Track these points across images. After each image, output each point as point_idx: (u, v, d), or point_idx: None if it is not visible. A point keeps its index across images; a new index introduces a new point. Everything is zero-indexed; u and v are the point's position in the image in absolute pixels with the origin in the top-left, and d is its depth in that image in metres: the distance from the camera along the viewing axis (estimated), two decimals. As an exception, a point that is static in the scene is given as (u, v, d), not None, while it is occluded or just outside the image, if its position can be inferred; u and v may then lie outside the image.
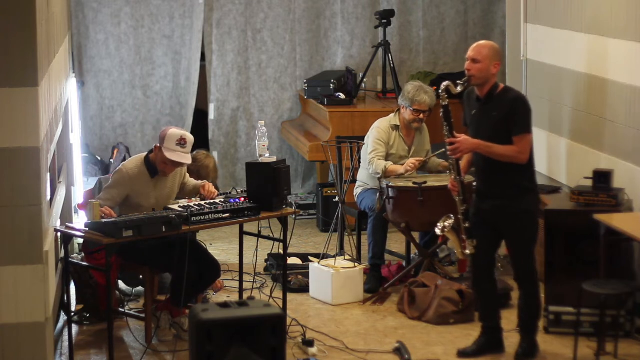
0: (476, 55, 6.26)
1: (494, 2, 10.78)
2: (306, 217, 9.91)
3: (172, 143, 6.60)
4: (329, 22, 10.65)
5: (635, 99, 7.15)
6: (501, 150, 6.20)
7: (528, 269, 6.37)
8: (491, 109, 6.26)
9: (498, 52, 6.33)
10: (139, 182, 6.66)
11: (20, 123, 5.52)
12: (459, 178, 6.34)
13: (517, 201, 6.27)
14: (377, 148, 7.96)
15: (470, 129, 6.39)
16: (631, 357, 6.47)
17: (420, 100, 7.96)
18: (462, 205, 6.35)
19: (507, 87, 6.40)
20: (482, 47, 6.31)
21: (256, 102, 10.58)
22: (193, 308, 4.26)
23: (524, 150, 6.21)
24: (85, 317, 7.17)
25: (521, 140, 6.20)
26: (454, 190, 6.38)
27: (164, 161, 6.64)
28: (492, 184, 6.31)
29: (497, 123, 6.22)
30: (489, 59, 6.24)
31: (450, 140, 6.29)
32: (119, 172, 6.69)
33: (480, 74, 6.24)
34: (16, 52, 5.47)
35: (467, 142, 6.27)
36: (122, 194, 6.62)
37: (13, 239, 5.57)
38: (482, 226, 6.35)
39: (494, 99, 6.27)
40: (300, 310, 7.40)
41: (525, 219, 6.30)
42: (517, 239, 6.37)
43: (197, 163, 7.48)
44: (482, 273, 6.49)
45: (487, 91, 6.28)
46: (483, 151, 6.25)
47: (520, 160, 6.22)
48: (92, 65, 10.34)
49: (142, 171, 6.70)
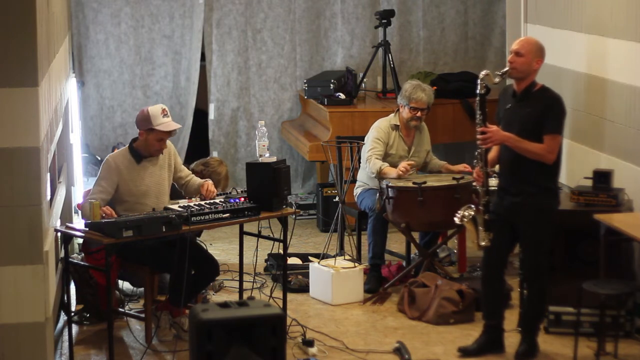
0: (520, 49, 6.27)
1: (494, 2, 10.78)
2: (306, 217, 9.91)
3: (159, 118, 6.72)
4: (329, 22, 10.65)
5: (635, 99, 7.15)
6: (530, 146, 6.21)
7: (538, 269, 6.37)
8: (526, 105, 6.28)
9: (542, 50, 6.34)
10: (125, 169, 6.72)
11: (20, 123, 5.52)
12: (485, 169, 6.33)
13: (537, 200, 6.27)
14: (376, 147, 7.95)
15: (502, 122, 6.38)
16: (631, 357, 6.47)
17: (417, 97, 7.96)
18: (485, 196, 6.34)
19: (545, 86, 6.39)
20: (527, 42, 6.34)
21: (256, 102, 10.59)
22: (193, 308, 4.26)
23: (552, 150, 6.23)
24: (85, 317, 7.17)
25: (552, 140, 6.22)
26: (479, 180, 6.37)
27: (158, 138, 6.71)
28: (516, 180, 6.31)
29: (530, 120, 6.23)
30: (532, 54, 6.26)
31: (482, 129, 6.28)
32: (106, 162, 6.76)
33: (521, 68, 6.25)
34: (16, 52, 5.47)
35: (499, 133, 6.27)
36: (112, 183, 6.66)
37: (13, 239, 5.57)
38: (501, 225, 6.34)
39: (530, 96, 6.28)
40: (300, 310, 7.40)
41: (541, 218, 6.30)
42: (530, 237, 6.37)
43: (209, 168, 7.55)
44: (493, 271, 6.47)
45: (524, 87, 6.29)
46: (513, 145, 6.25)
47: (547, 159, 6.23)
48: (92, 65, 10.34)
49: (128, 158, 6.76)
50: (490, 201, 6.36)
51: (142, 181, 6.74)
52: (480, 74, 6.30)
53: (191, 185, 6.99)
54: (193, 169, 7.62)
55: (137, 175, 6.73)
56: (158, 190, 6.77)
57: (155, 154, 6.79)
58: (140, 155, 6.77)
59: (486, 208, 6.34)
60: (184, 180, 6.99)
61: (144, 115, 6.74)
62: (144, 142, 6.75)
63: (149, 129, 6.70)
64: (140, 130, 6.75)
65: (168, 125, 6.72)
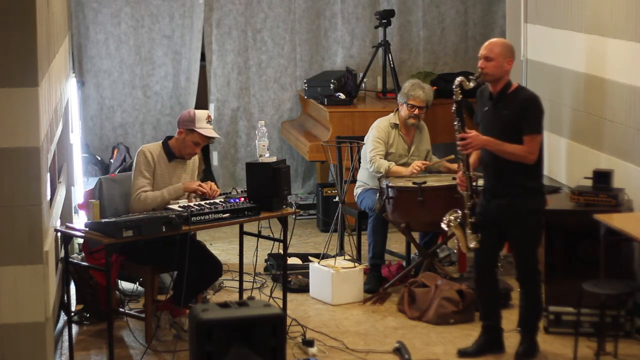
0: (489, 53, 6.26)
1: (494, 2, 10.78)
2: (306, 217, 9.91)
3: (203, 122, 6.74)
4: (329, 22, 10.65)
5: (635, 99, 7.15)
6: (510, 148, 6.21)
7: (530, 270, 6.38)
8: (503, 107, 6.27)
9: (511, 50, 6.33)
10: (159, 163, 6.76)
11: (20, 123, 5.52)
12: (468, 173, 6.34)
13: (523, 201, 6.28)
14: (377, 147, 7.96)
15: (481, 126, 6.39)
16: (631, 357, 6.47)
17: (415, 95, 7.97)
18: (469, 200, 6.35)
19: (520, 86, 6.40)
20: (495, 45, 6.31)
21: (256, 102, 10.59)
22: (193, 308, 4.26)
23: (533, 151, 6.22)
24: (85, 317, 7.17)
25: (531, 141, 6.21)
26: (462, 185, 6.38)
27: (196, 141, 6.74)
28: (499, 182, 6.31)
29: (508, 121, 6.23)
30: (501, 56, 6.24)
31: (461, 136, 6.28)
32: (142, 154, 6.75)
33: (493, 71, 6.24)
34: (16, 52, 5.47)
35: (478, 138, 6.27)
36: (151, 171, 6.72)
37: (13, 239, 5.57)
38: (487, 226, 6.35)
39: (506, 97, 6.28)
40: (300, 310, 7.40)
41: (529, 219, 6.30)
42: (520, 239, 6.37)
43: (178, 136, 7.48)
44: (484, 272, 6.49)
45: (499, 89, 6.29)
46: (493, 148, 6.25)
47: (528, 160, 6.22)
48: (92, 65, 10.34)
49: (161, 154, 6.79)
50: (475, 204, 6.36)
51: (169, 180, 6.75)
52: (455, 80, 6.30)
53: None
54: None
55: (166, 172, 6.77)
56: None
57: (188, 157, 6.81)
58: (172, 153, 6.78)
59: (472, 211, 6.35)
60: None
61: (189, 115, 6.75)
62: (180, 141, 6.77)
63: (190, 129, 6.71)
64: (181, 129, 6.76)
65: (208, 132, 6.74)
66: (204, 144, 6.83)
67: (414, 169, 7.80)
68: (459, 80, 6.27)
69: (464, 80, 6.25)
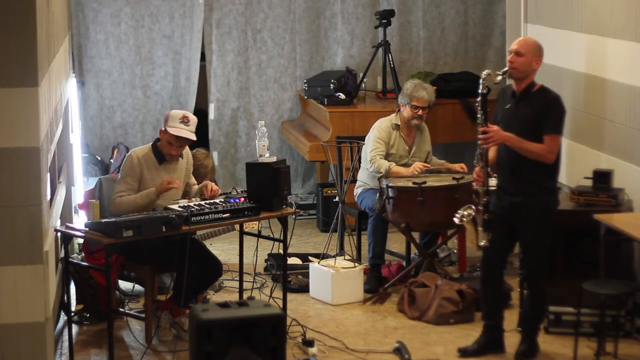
0: (520, 48, 6.27)
1: (494, 2, 10.78)
2: (306, 217, 9.91)
3: (175, 121, 6.70)
4: (329, 22, 10.65)
5: (635, 99, 7.15)
6: (531, 146, 6.21)
7: (538, 269, 6.37)
8: (525, 106, 6.28)
9: (541, 50, 6.34)
10: (147, 167, 6.72)
11: (20, 123, 5.52)
12: (486, 169, 6.33)
13: (537, 200, 6.27)
14: (378, 147, 7.96)
15: (502, 123, 6.38)
16: (631, 357, 6.47)
17: (419, 96, 7.97)
18: (485, 196, 6.34)
19: (544, 86, 6.40)
20: (527, 42, 6.33)
21: (256, 102, 10.59)
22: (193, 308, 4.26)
23: (553, 150, 6.22)
24: (85, 317, 7.17)
25: (552, 140, 6.21)
26: (479, 180, 6.36)
27: (169, 140, 6.70)
28: (515, 180, 6.30)
29: (529, 120, 6.23)
30: (532, 54, 6.26)
31: (483, 129, 6.27)
32: (129, 158, 6.74)
33: (522, 68, 6.25)
34: (16, 52, 5.47)
35: (500, 133, 6.27)
36: (136, 178, 6.68)
37: (13, 239, 5.57)
38: (500, 225, 6.34)
39: (529, 96, 6.29)
40: (300, 310, 7.40)
41: (541, 218, 6.30)
42: (531, 238, 6.36)
43: (195, 161, 7.49)
44: (491, 271, 6.47)
45: (524, 87, 6.29)
46: (514, 145, 6.25)
47: (547, 159, 6.22)
48: (92, 65, 10.34)
49: (150, 156, 6.76)
50: (489, 201, 6.36)
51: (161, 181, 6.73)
52: (482, 73, 6.30)
53: (190, 193, 6.99)
54: None
55: (157, 175, 6.73)
56: (174, 193, 6.76)
57: (169, 158, 6.77)
58: (162, 156, 6.77)
59: (486, 208, 6.34)
60: (189, 187, 7.00)
61: (166, 115, 6.78)
62: (161, 143, 6.77)
63: (164, 129, 6.72)
64: (160, 129, 6.78)
65: (178, 131, 6.68)
66: (179, 144, 6.74)
67: (414, 171, 7.80)
68: (485, 73, 6.27)
69: (491, 74, 6.24)
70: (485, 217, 6.33)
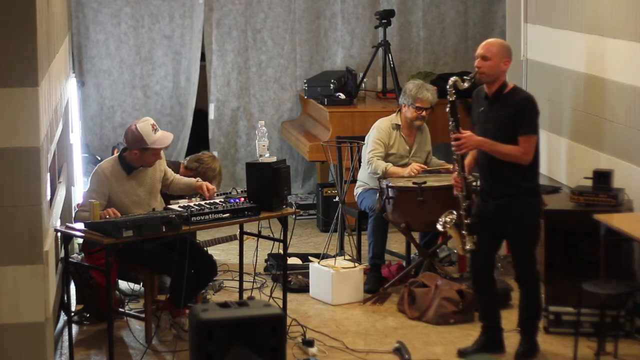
0: (485, 53, 6.26)
1: (494, 2, 10.78)
2: (306, 217, 9.91)
3: (151, 135, 6.62)
4: (329, 22, 10.65)
5: (635, 99, 7.15)
6: (505, 149, 6.20)
7: (529, 270, 6.38)
8: (498, 108, 6.27)
9: (508, 50, 6.33)
10: (116, 180, 6.66)
11: (20, 123, 5.52)
12: (463, 174, 6.34)
13: (520, 201, 6.27)
14: (376, 148, 7.96)
15: (477, 126, 6.39)
16: (631, 357, 6.47)
17: (423, 97, 7.98)
18: (465, 201, 6.35)
19: (516, 87, 6.40)
20: (492, 45, 6.31)
21: (256, 102, 10.59)
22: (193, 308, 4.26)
23: (528, 151, 6.21)
24: (85, 317, 7.17)
25: (526, 141, 6.20)
26: (457, 186, 6.37)
27: (154, 153, 6.66)
28: (495, 183, 6.31)
29: (504, 122, 6.22)
30: (498, 56, 6.25)
31: (455, 136, 6.28)
32: (95, 174, 6.71)
33: (490, 71, 6.25)
34: (16, 52, 5.47)
35: (473, 138, 6.27)
36: (102, 195, 6.60)
37: (13, 239, 5.57)
38: (484, 226, 6.35)
39: (502, 98, 6.28)
40: (300, 310, 7.40)
41: (527, 219, 6.30)
42: (518, 239, 6.38)
43: (203, 165, 7.50)
44: (481, 273, 6.49)
45: (495, 89, 6.29)
46: (487, 149, 6.25)
47: (523, 160, 6.22)
48: (92, 65, 10.34)
49: (117, 169, 6.70)
50: (472, 205, 6.36)
51: (134, 191, 6.70)
52: (449, 80, 6.30)
53: (176, 184, 6.96)
54: (187, 166, 7.59)
55: (128, 187, 6.69)
56: (150, 198, 6.74)
57: (150, 166, 6.75)
58: (131, 166, 6.71)
59: (467, 212, 6.35)
60: (169, 181, 6.97)
61: (135, 135, 6.60)
62: (137, 159, 6.69)
63: (144, 148, 6.63)
64: (134, 150, 6.64)
65: (162, 141, 6.64)
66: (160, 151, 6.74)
67: (412, 171, 7.79)
68: (452, 81, 6.28)
69: (457, 81, 6.25)
70: (468, 221, 6.34)
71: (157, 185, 6.84)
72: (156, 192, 6.83)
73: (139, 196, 6.69)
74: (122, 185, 6.67)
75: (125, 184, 6.68)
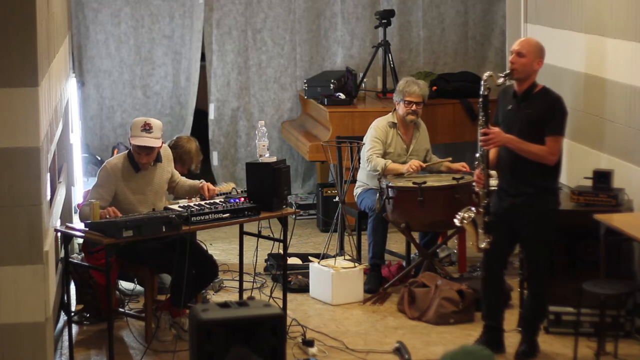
0: (522, 49, 6.27)
1: (494, 2, 10.78)
2: (306, 217, 9.91)
3: (137, 130, 6.64)
4: (329, 22, 10.65)
5: (635, 99, 7.15)
6: (532, 148, 6.20)
7: (539, 270, 6.37)
8: (526, 107, 6.28)
9: (543, 51, 6.34)
10: (123, 177, 6.68)
11: (20, 123, 5.52)
12: (487, 170, 6.33)
13: (537, 201, 6.27)
14: (375, 146, 7.97)
15: (503, 124, 6.38)
16: (631, 357, 6.47)
17: (410, 90, 7.99)
18: (485, 198, 6.34)
19: (546, 87, 6.40)
20: (528, 43, 6.34)
21: (256, 102, 10.59)
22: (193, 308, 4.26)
23: (554, 152, 6.22)
24: (85, 317, 7.17)
25: (553, 142, 6.21)
26: (480, 182, 6.36)
27: (135, 150, 6.67)
28: (516, 181, 6.29)
29: (531, 121, 6.23)
30: (533, 55, 6.26)
31: (484, 131, 6.27)
32: (103, 169, 6.73)
33: (523, 68, 6.25)
34: (16, 52, 5.47)
35: (501, 135, 6.27)
36: (109, 191, 6.63)
37: (13, 239, 5.57)
38: (500, 226, 6.34)
39: (531, 97, 6.29)
40: (300, 310, 7.40)
41: (542, 219, 6.30)
42: (532, 239, 6.36)
43: (178, 149, 7.42)
44: (492, 273, 6.47)
45: (525, 88, 6.29)
46: (515, 147, 6.25)
47: (549, 161, 6.22)
48: (92, 65, 10.34)
49: (126, 166, 6.72)
50: (490, 203, 6.35)
51: (140, 189, 6.72)
52: (484, 75, 6.29)
53: (181, 187, 6.98)
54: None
55: (135, 184, 6.71)
56: (155, 198, 6.75)
57: (142, 167, 6.72)
58: (137, 164, 6.74)
59: (486, 210, 6.34)
60: (174, 183, 6.98)
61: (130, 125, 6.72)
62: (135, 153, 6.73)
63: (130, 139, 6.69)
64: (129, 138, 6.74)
65: (139, 139, 6.62)
66: (145, 152, 6.65)
67: (410, 168, 7.79)
68: (487, 75, 6.26)
69: (492, 75, 6.24)
70: (486, 219, 6.33)
71: (164, 185, 6.86)
72: (162, 192, 6.84)
73: (145, 194, 6.71)
74: (129, 182, 6.68)
75: (132, 182, 6.70)
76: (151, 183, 6.76)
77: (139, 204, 6.65)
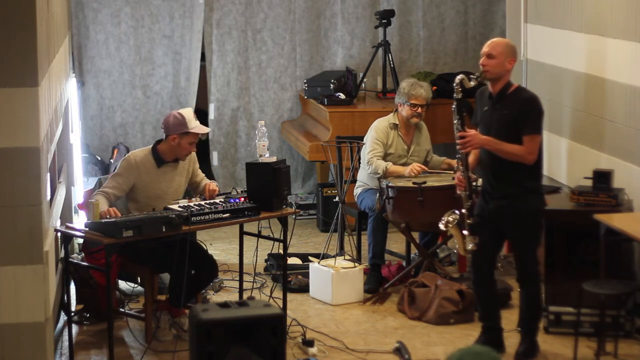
0: (491, 51, 6.27)
1: (494, 2, 10.78)
2: (306, 217, 9.91)
3: (193, 121, 6.72)
4: (329, 22, 10.65)
5: (635, 99, 7.15)
6: (510, 148, 6.20)
7: (530, 270, 6.37)
8: (502, 107, 6.27)
9: (513, 50, 6.34)
10: (145, 170, 6.70)
11: (20, 123, 5.52)
12: (467, 173, 6.34)
13: (522, 201, 6.27)
14: (375, 148, 7.97)
15: (480, 126, 6.39)
16: (631, 357, 6.47)
17: (417, 94, 7.99)
18: (468, 200, 6.35)
19: (520, 86, 6.40)
20: (498, 43, 6.33)
21: (256, 102, 10.59)
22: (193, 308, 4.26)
23: (532, 151, 6.22)
24: (85, 317, 7.17)
25: (531, 141, 6.20)
26: (461, 185, 6.37)
27: (191, 141, 6.72)
28: (498, 183, 6.31)
29: (507, 122, 6.23)
30: (503, 55, 6.25)
31: (461, 134, 6.28)
32: (127, 160, 6.74)
33: (494, 69, 6.24)
34: (16, 52, 5.47)
35: (477, 137, 6.27)
36: (128, 181, 6.66)
37: (13, 239, 5.57)
38: (486, 227, 6.34)
39: (506, 97, 6.28)
40: (300, 310, 7.40)
41: (529, 219, 6.30)
42: (520, 239, 6.37)
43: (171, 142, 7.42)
44: (482, 273, 6.48)
45: (500, 88, 6.29)
46: (492, 148, 6.25)
47: (527, 160, 6.22)
48: (92, 65, 10.34)
49: (149, 160, 6.74)
50: (473, 206, 6.36)
51: (159, 185, 6.73)
52: (456, 78, 6.30)
53: (199, 187, 7.00)
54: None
55: (155, 179, 6.72)
56: (173, 196, 6.77)
57: (183, 158, 6.78)
58: (162, 159, 6.75)
59: (470, 212, 6.35)
60: (196, 184, 7.01)
61: (178, 119, 6.70)
62: (175, 146, 6.72)
63: (184, 132, 6.68)
64: (173, 135, 6.70)
65: (201, 128, 6.75)
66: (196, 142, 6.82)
67: (412, 171, 7.79)
68: (459, 78, 6.27)
69: (464, 79, 6.25)
70: (470, 221, 6.33)
71: (183, 184, 6.88)
72: (181, 191, 6.86)
73: (163, 190, 6.73)
74: (150, 176, 6.71)
75: (152, 176, 6.72)
76: (171, 180, 6.79)
77: (155, 199, 6.66)
